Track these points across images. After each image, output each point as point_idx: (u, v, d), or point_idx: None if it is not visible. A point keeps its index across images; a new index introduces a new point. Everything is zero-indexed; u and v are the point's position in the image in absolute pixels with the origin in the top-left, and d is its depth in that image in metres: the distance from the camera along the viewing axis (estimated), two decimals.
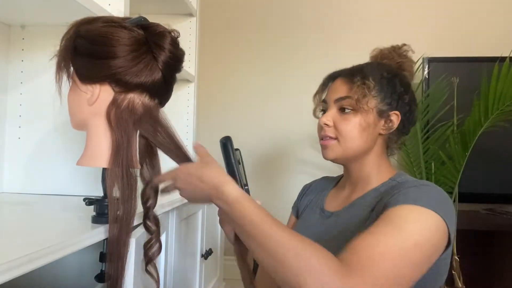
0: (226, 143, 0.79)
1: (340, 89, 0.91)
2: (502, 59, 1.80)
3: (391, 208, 0.72)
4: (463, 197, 1.95)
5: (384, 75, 0.91)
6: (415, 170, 1.97)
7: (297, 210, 1.07)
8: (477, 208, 2.14)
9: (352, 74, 0.90)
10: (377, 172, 0.91)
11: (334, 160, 0.91)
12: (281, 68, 2.49)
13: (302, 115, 2.41)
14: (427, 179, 1.95)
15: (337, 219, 0.91)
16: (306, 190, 1.09)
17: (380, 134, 0.90)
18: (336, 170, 1.10)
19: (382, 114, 0.89)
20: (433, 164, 1.94)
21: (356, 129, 0.88)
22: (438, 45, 2.24)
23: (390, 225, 0.69)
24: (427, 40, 2.24)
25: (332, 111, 0.91)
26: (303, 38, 2.47)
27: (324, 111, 0.95)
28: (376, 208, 0.82)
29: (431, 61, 2.15)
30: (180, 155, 0.76)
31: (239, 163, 0.81)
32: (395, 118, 0.90)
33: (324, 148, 0.91)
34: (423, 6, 2.38)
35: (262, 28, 2.51)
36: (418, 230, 0.68)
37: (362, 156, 0.90)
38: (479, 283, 2.07)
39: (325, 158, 0.92)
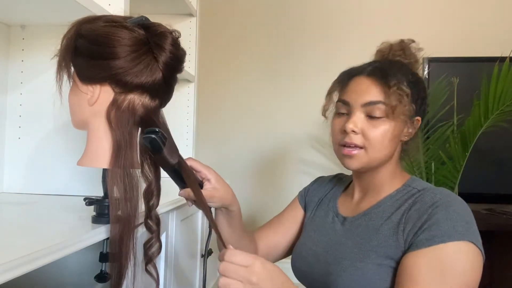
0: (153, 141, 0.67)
1: (370, 91, 0.81)
2: (502, 59, 1.80)
3: (428, 248, 0.71)
4: (463, 197, 1.91)
5: (410, 78, 0.82)
6: (415, 170, 1.97)
7: (305, 203, 1.02)
8: (477, 208, 2.14)
9: (385, 76, 0.80)
10: (390, 179, 0.85)
11: (357, 170, 0.84)
12: (282, 68, 2.49)
13: (302, 115, 2.42)
14: (427, 179, 1.94)
15: (351, 227, 0.85)
16: (320, 183, 1.03)
17: (401, 140, 0.84)
18: (336, 170, 1.09)
19: (409, 121, 0.83)
20: (433, 164, 1.94)
21: (387, 138, 0.80)
22: (438, 45, 2.23)
23: (434, 272, 0.68)
24: (427, 40, 2.23)
25: (359, 117, 0.81)
26: (303, 38, 2.47)
27: (341, 113, 0.85)
28: (402, 224, 0.77)
29: (431, 61, 2.15)
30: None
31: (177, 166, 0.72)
32: (417, 123, 0.85)
33: (348, 157, 0.82)
34: (423, 6, 2.38)
35: (262, 28, 2.51)
36: (463, 271, 0.70)
37: (382, 164, 0.83)
38: (479, 283, 2.06)
39: (348, 168, 0.83)
